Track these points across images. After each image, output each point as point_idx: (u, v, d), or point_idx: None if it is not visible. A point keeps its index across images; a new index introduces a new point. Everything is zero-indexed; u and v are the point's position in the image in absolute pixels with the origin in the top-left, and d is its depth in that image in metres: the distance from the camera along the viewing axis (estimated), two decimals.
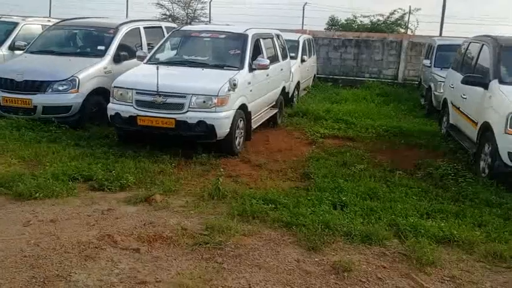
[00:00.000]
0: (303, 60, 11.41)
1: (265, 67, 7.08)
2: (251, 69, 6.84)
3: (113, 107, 6.20)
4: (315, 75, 13.71)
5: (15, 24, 10.09)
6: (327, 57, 15.31)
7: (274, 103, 8.42)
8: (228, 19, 14.80)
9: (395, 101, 11.86)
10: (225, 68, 6.70)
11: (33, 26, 10.38)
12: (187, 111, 5.87)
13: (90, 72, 7.37)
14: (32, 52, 8.24)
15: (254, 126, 7.14)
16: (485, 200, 4.79)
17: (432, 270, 3.27)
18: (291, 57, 10.90)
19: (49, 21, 11.00)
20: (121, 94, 6.14)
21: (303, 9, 15.71)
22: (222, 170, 5.29)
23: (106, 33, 8.26)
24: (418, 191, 5.05)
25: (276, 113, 8.41)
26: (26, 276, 2.84)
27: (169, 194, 4.56)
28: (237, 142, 6.45)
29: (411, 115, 10.27)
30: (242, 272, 3.07)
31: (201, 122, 5.84)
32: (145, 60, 7.02)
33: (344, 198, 4.56)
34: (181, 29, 8.22)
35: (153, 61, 6.95)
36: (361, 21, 19.13)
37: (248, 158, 6.24)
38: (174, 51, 7.63)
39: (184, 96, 5.88)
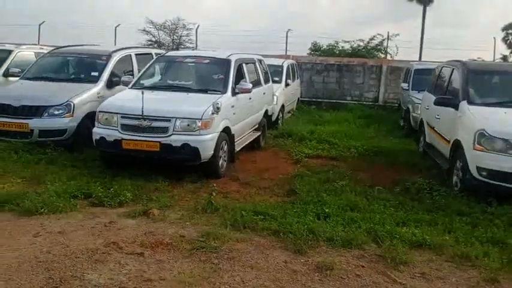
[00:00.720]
0: (287, 84, 11.92)
1: (247, 91, 7.26)
2: (234, 93, 7.04)
3: (98, 131, 6.30)
4: (298, 99, 14.24)
5: (9, 51, 10.41)
6: (310, 81, 15.94)
7: (257, 126, 8.61)
8: (214, 45, 15.38)
9: (376, 122, 12.36)
10: (208, 92, 6.87)
11: (26, 54, 10.71)
12: (172, 134, 5.99)
13: (84, 97, 7.68)
14: (27, 78, 8.59)
15: (238, 148, 7.29)
16: (457, 210, 5.21)
17: (405, 268, 3.68)
18: (275, 81, 11.45)
19: (42, 48, 11.38)
20: (106, 118, 6.26)
21: (286, 35, 16.44)
22: (214, 185, 5.63)
23: (99, 60, 8.65)
24: (395, 204, 5.45)
25: (259, 136, 8.63)
26: (43, 278, 3.16)
27: (165, 209, 4.90)
28: (220, 164, 6.56)
29: (391, 136, 10.76)
30: (236, 271, 3.45)
31: (185, 145, 5.95)
32: (130, 85, 7.21)
33: (327, 210, 4.96)
34: (166, 54, 8.49)
35: (138, 86, 7.12)
36: (342, 47, 19.90)
37: (237, 176, 6.60)
38: (159, 76, 7.83)
39: (169, 120, 6.01)
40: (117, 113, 6.19)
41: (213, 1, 49.37)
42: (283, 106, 11.31)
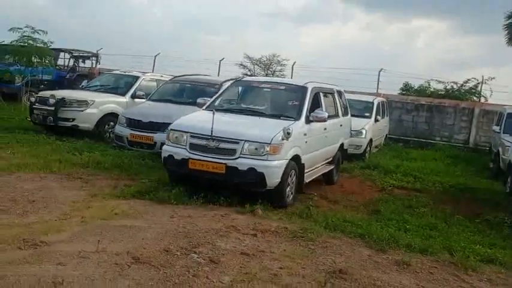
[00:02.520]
0: (376, 120, 12.61)
1: (322, 120, 7.02)
2: (308, 121, 6.83)
3: (167, 149, 6.35)
4: (386, 135, 14.77)
5: (137, 77, 12.35)
6: (400, 119, 16.36)
7: (331, 159, 8.33)
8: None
9: (464, 162, 12.53)
10: (281, 118, 6.68)
11: (149, 80, 12.61)
12: (239, 157, 5.86)
13: None
14: (153, 100, 10.30)
15: (307, 180, 6.99)
16: None
17: (474, 274, 4.29)
18: (366, 117, 12.25)
19: (162, 76, 13.25)
20: (176, 137, 6.28)
21: (379, 75, 17.07)
22: (315, 194, 6.50)
23: (212, 88, 10.08)
24: (474, 230, 5.95)
25: (332, 170, 8.31)
26: (184, 241, 4.27)
27: (267, 211, 5.87)
28: (287, 193, 6.29)
29: (478, 176, 10.89)
30: (329, 255, 4.33)
31: (251, 169, 5.78)
32: (204, 107, 7.23)
33: (408, 226, 5.65)
34: (243, 79, 8.57)
35: (212, 108, 7.05)
36: (434, 88, 19.98)
37: (326, 196, 7.41)
38: (234, 100, 7.90)
39: (237, 142, 5.89)
40: (187, 132, 6.19)
41: (310, 39, 51.28)
42: (371, 140, 11.96)
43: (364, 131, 11.51)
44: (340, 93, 9.07)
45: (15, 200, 5.18)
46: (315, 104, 7.32)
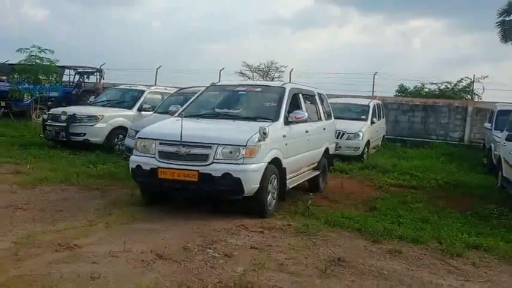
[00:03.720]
0: (372, 122, 13.15)
1: (303, 120, 6.79)
2: (287, 122, 6.53)
3: (134, 159, 5.94)
4: (384, 136, 15.31)
5: (142, 91, 12.91)
6: (396, 120, 16.94)
7: (315, 164, 8.02)
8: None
9: (459, 159, 13.05)
10: (258, 120, 6.33)
11: (154, 93, 13.15)
12: (212, 162, 5.48)
13: None
14: (159, 112, 10.83)
15: (290, 186, 6.63)
16: None
17: (459, 259, 4.79)
18: (362, 120, 12.81)
19: (166, 89, 13.80)
20: (144, 145, 5.89)
21: (373, 78, 17.66)
22: (311, 194, 6.99)
23: None
24: (463, 222, 6.44)
25: (317, 176, 7.97)
26: (199, 240, 4.79)
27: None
28: (269, 201, 5.95)
29: (473, 172, 11.38)
30: (329, 246, 4.87)
31: (226, 175, 5.40)
32: (176, 114, 6.86)
33: (401, 220, 6.17)
34: (217, 83, 7.97)
35: (184, 115, 6.73)
36: (429, 89, 20.58)
37: (326, 196, 7.91)
38: (207, 105, 7.46)
39: (210, 147, 5.53)
40: (155, 139, 5.83)
41: (303, 45, 52.01)
42: (368, 142, 12.49)
43: (361, 133, 12.06)
44: (322, 96, 8.82)
45: (44, 210, 5.72)
46: (295, 105, 7.03)
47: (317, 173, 7.94)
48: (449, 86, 20.23)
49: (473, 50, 47.53)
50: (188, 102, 7.41)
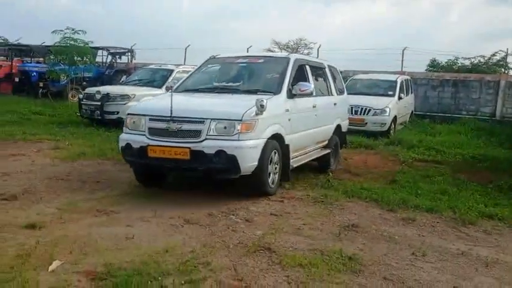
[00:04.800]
0: (400, 98, 13.15)
1: (308, 93, 6.30)
2: (291, 95, 6.11)
3: (124, 137, 5.63)
4: (412, 112, 15.24)
5: (171, 71, 13.34)
6: (425, 96, 16.76)
7: (326, 142, 7.60)
8: (334, 63, 17.00)
9: (488, 135, 12.92)
10: (258, 93, 5.92)
11: (182, 72, 13.52)
12: (205, 139, 5.10)
13: None
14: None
15: (295, 164, 6.26)
16: None
17: (472, 227, 4.99)
18: (389, 95, 12.84)
19: (193, 68, 14.15)
20: (134, 122, 5.58)
21: (402, 53, 17.44)
22: (331, 167, 7.29)
23: None
24: (483, 193, 6.57)
25: (328, 154, 7.54)
26: (224, 208, 5.16)
27: (293, 183, 6.64)
28: (271, 180, 5.62)
29: (501, 147, 11.30)
30: (345, 214, 5.17)
31: (220, 152, 5.02)
32: (173, 89, 6.36)
33: (419, 192, 6.36)
34: (217, 56, 7.32)
35: (180, 89, 6.46)
36: (461, 63, 20.17)
37: (349, 170, 8.14)
38: (206, 79, 7.01)
39: (202, 122, 5.13)
40: (145, 115, 5.49)
41: (334, 20, 51.20)
42: (395, 117, 12.55)
43: (387, 109, 12.14)
44: (332, 69, 8.27)
45: (84, 181, 6.23)
46: (301, 78, 6.60)
47: (327, 151, 7.54)
48: (482, 60, 19.76)
49: (510, 23, 45.61)
50: (185, 77, 7.04)
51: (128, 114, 5.77)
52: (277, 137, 5.69)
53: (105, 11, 53.80)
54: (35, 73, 18.92)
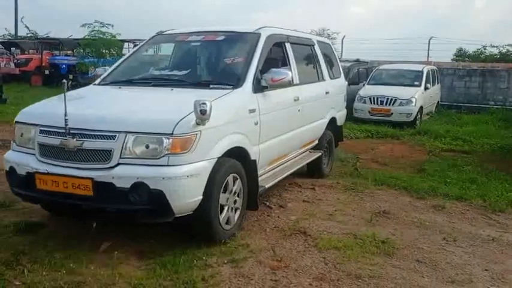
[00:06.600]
0: (426, 88, 13.09)
1: (284, 83, 4.39)
2: (259, 88, 4.26)
3: (8, 158, 3.83)
4: (438, 102, 15.13)
5: None
6: (451, 86, 16.59)
7: (315, 142, 6.03)
8: (358, 53, 16.97)
9: None
10: (211, 86, 4.15)
11: None
12: (117, 164, 3.32)
13: None
14: None
15: (268, 184, 4.52)
16: None
17: (501, 214, 5.07)
18: (415, 86, 12.80)
19: None
20: (22, 135, 3.81)
21: (429, 43, 17.32)
22: (359, 156, 7.38)
23: None
24: None
25: (319, 158, 6.01)
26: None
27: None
28: (223, 218, 3.77)
29: None
30: (375, 201, 5.31)
31: (139, 186, 3.24)
32: (97, 81, 4.77)
33: (448, 180, 6.43)
34: (165, 32, 5.42)
35: (108, 81, 4.68)
36: (489, 52, 19.86)
37: (376, 159, 8.22)
38: (144, 66, 5.30)
39: (113, 137, 3.34)
40: (35, 125, 3.70)
41: (358, 9, 50.65)
42: (421, 108, 12.51)
43: (414, 99, 12.13)
44: (326, 46, 6.54)
45: None
46: (278, 62, 5.03)
47: (318, 154, 5.99)
48: (510, 49, 19.41)
49: None
50: (118, 62, 5.09)
51: (16, 122, 3.92)
52: (237, 153, 3.90)
53: (127, 3, 54.37)
54: (64, 65, 19.50)
